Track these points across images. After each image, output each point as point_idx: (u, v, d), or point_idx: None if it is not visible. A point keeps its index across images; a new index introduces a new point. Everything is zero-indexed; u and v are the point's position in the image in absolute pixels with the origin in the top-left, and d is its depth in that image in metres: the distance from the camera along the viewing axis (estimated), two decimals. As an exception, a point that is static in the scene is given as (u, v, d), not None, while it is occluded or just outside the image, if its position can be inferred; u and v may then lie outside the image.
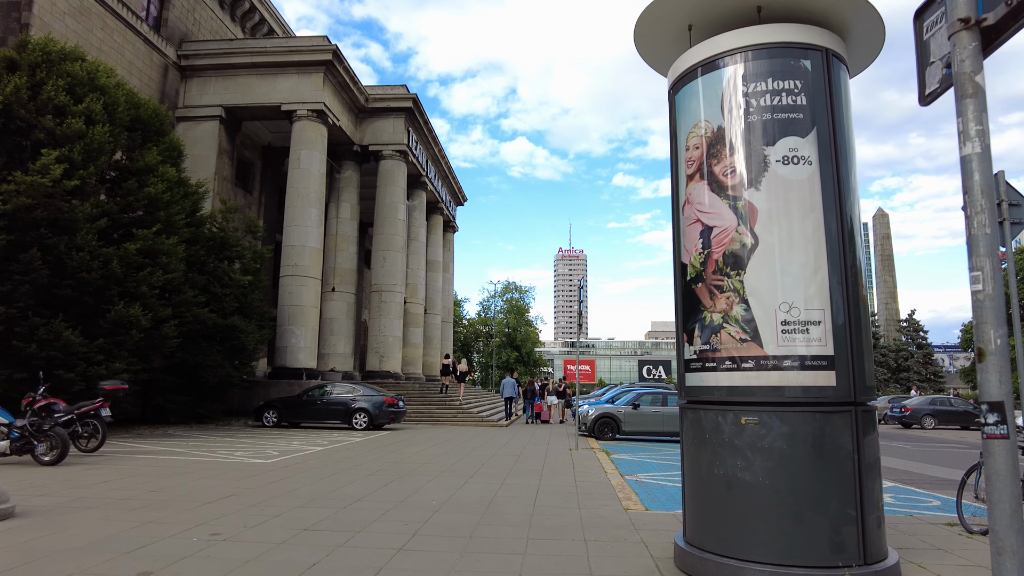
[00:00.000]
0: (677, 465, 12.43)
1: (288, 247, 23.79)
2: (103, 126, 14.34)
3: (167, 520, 6.02)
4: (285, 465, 10.32)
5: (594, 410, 18.17)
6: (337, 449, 13.04)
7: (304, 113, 24.27)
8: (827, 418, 4.28)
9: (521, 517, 6.56)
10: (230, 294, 19.08)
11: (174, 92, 24.68)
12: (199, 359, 17.78)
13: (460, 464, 10.98)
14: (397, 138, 28.20)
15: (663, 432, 17.82)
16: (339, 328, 27.17)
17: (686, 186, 4.98)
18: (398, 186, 28.25)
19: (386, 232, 27.88)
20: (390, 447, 13.70)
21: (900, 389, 46.75)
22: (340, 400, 18.70)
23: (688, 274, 4.85)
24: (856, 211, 4.73)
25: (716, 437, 4.51)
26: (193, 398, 18.18)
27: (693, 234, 4.83)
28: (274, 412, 18.89)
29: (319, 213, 24.36)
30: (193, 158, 24.10)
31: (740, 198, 4.59)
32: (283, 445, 13.53)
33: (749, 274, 4.47)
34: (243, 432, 16.77)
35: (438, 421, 21.98)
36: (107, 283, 13.98)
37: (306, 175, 24.10)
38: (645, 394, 18.55)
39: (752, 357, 4.38)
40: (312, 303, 23.66)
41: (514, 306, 68.87)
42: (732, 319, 4.49)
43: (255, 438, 15.06)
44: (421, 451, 13.01)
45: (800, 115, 4.60)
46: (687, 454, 4.87)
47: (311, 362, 23.48)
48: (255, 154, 29.03)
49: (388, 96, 28.38)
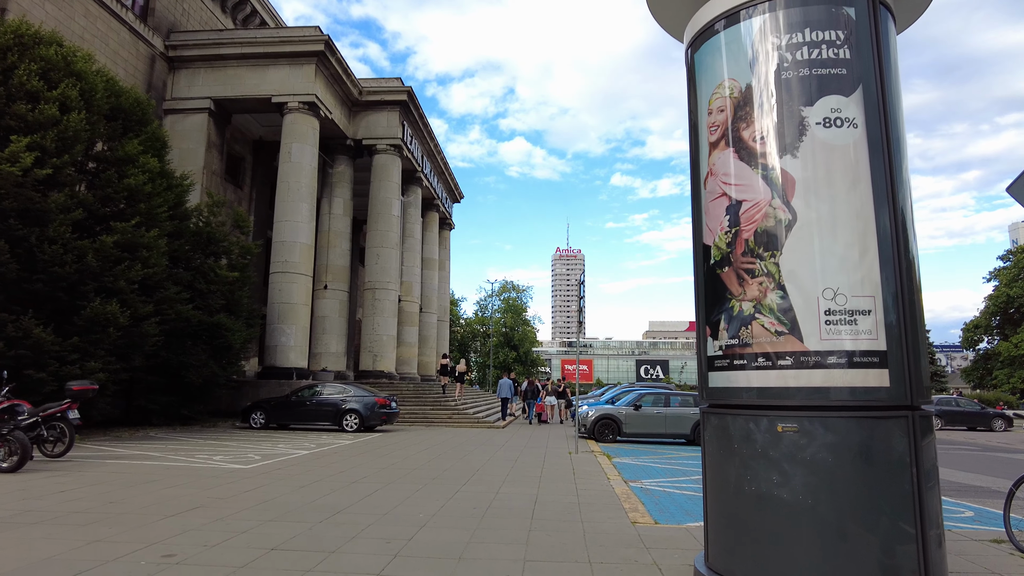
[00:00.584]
0: (683, 470, 11.80)
1: (278, 243, 23.09)
2: (79, 113, 13.64)
3: (117, 538, 5.33)
4: (265, 471, 9.63)
5: (594, 411, 17.51)
6: (323, 453, 12.35)
7: (295, 105, 23.58)
8: (880, 425, 3.61)
9: (517, 533, 5.88)
10: (216, 291, 18.38)
11: (161, 84, 23.96)
12: (183, 358, 17.08)
13: (452, 470, 10.30)
14: (391, 132, 27.51)
15: (665, 434, 17.17)
16: (331, 327, 26.45)
17: (708, 156, 4.31)
18: (392, 181, 27.55)
19: (380, 228, 27.18)
20: (380, 451, 13.02)
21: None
22: (330, 401, 18.01)
23: (712, 257, 4.18)
24: (908, 183, 4.06)
25: (746, 447, 3.84)
26: (177, 399, 17.47)
27: (718, 210, 4.16)
28: (262, 413, 18.19)
29: (310, 208, 23.66)
30: (181, 152, 23.46)
31: (773, 167, 3.92)
32: (267, 448, 12.84)
33: (786, 255, 3.81)
34: (228, 434, 16.07)
35: (432, 422, 21.29)
36: (82, 278, 13.27)
37: (297, 169, 23.40)
38: (647, 394, 17.89)
39: (790, 353, 3.71)
40: (303, 301, 22.95)
41: (511, 305, 68.17)
42: (766, 308, 3.82)
43: (239, 441, 14.36)
44: (412, 455, 12.32)
45: (843, 70, 3.94)
46: (711, 466, 4.21)
47: (302, 361, 22.79)
48: (246, 148, 28.32)
49: (382, 89, 27.69)
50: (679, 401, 17.72)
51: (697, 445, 16.83)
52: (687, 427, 16.95)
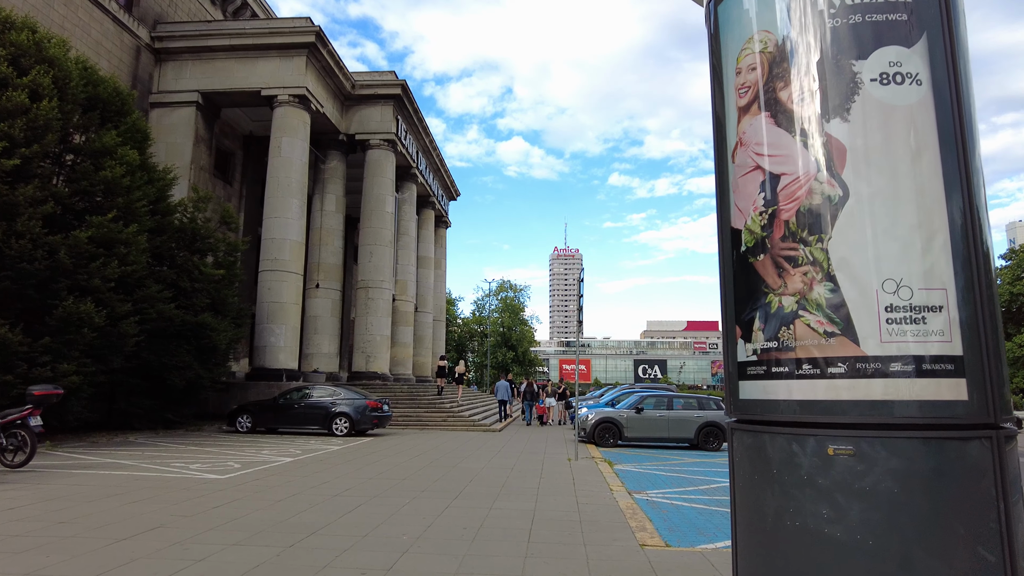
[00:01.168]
0: (689, 478, 11.14)
1: (268, 240, 22.38)
2: (51, 101, 12.92)
3: (52, 570, 4.64)
4: (242, 482, 8.94)
5: (594, 414, 16.83)
6: (308, 461, 11.65)
7: (285, 98, 22.87)
8: (957, 448, 2.93)
9: (512, 560, 5.20)
10: (201, 289, 17.65)
11: (148, 76, 23.24)
12: (165, 360, 16.36)
13: (444, 480, 9.62)
14: (385, 127, 26.80)
15: (668, 438, 16.50)
16: (323, 327, 25.75)
17: (737, 123, 3.62)
18: (386, 177, 26.84)
19: (373, 225, 26.47)
20: (369, 457, 12.33)
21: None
22: (319, 404, 17.30)
23: (743, 243, 3.50)
24: (979, 153, 3.39)
25: (788, 473, 3.16)
26: (160, 402, 16.75)
27: (750, 187, 3.47)
28: (248, 417, 17.49)
29: (301, 204, 22.95)
30: (168, 146, 22.75)
31: (818, 133, 3.24)
32: (250, 455, 12.14)
33: (836, 239, 3.12)
34: (212, 439, 15.37)
35: (427, 426, 20.60)
36: (54, 275, 12.56)
37: (287, 164, 22.69)
38: (649, 397, 17.22)
39: (843, 359, 3.03)
40: (293, 300, 22.25)
41: (509, 305, 67.58)
42: (812, 304, 3.14)
43: (222, 446, 13.66)
44: (403, 463, 11.63)
45: (903, 15, 3.25)
46: (741, 493, 3.52)
47: (292, 362, 22.08)
48: (236, 144, 27.59)
49: (375, 82, 26.98)
50: (682, 403, 17.06)
51: (701, 450, 16.20)
52: (691, 431, 16.29)
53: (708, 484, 10.18)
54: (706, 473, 11.56)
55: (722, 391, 32.39)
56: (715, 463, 13.43)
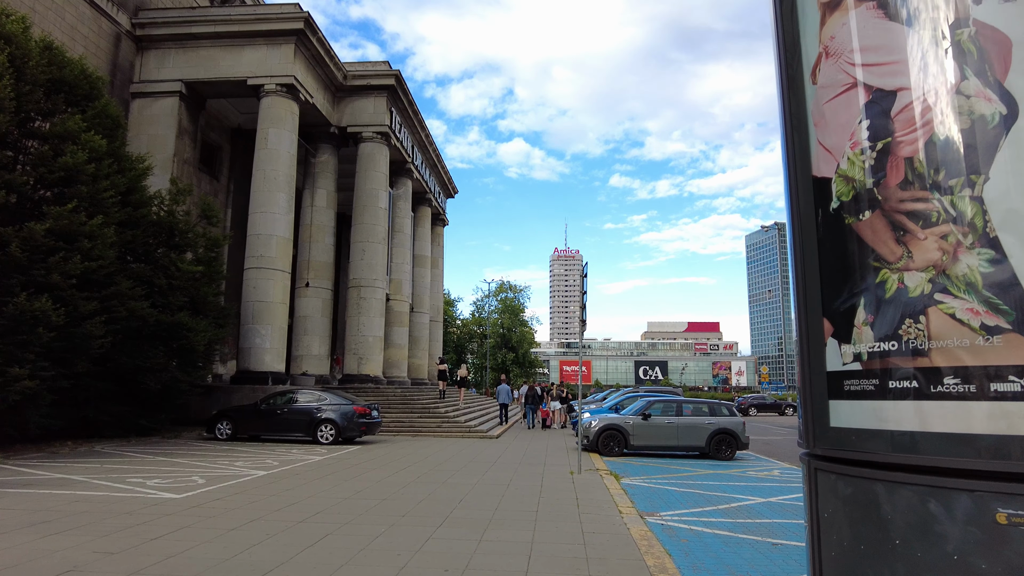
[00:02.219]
0: (705, 496, 9.93)
1: (253, 236, 21.27)
2: (5, 80, 11.83)
3: None
4: (198, 504, 7.83)
5: (598, 420, 15.71)
6: (283, 475, 10.53)
7: (272, 88, 21.77)
8: None
9: (501, 622, 4.08)
10: (179, 287, 16.53)
11: (128, 65, 22.14)
12: (139, 362, 15.25)
13: (429, 501, 8.50)
14: (378, 119, 25.69)
15: (678, 447, 15.38)
16: (313, 327, 24.64)
17: (820, 27, 2.49)
18: (379, 171, 25.73)
19: (366, 221, 25.36)
20: (351, 470, 11.21)
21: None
22: (304, 409, 16.18)
23: (834, 197, 2.37)
24: None
25: (923, 547, 2.03)
26: (133, 407, 15.63)
27: (843, 114, 2.35)
28: (228, 423, 16.38)
29: (288, 199, 21.84)
30: (150, 138, 21.71)
31: (960, 21, 2.12)
32: (220, 468, 11.03)
33: (998, 182, 1.99)
34: (185, 448, 14.26)
35: (420, 432, 19.47)
36: (4, 270, 11.45)
37: (274, 156, 21.60)
38: (656, 402, 16.09)
39: (1018, 368, 1.92)
40: (280, 299, 21.13)
41: (508, 306, 66.47)
42: (958, 283, 2.01)
43: (193, 457, 12.54)
44: (386, 477, 10.50)
45: None
46: (836, 564, 2.40)
47: (278, 365, 20.96)
48: (223, 137, 26.47)
49: (368, 73, 25.89)
50: (692, 409, 15.94)
51: (712, 459, 15.08)
52: (702, 439, 15.17)
53: (728, 503, 9.06)
54: (724, 489, 10.44)
55: (723, 393, 31.31)
56: (731, 476, 12.31)
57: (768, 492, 10.29)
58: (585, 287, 11.82)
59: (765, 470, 13.45)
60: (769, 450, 18.47)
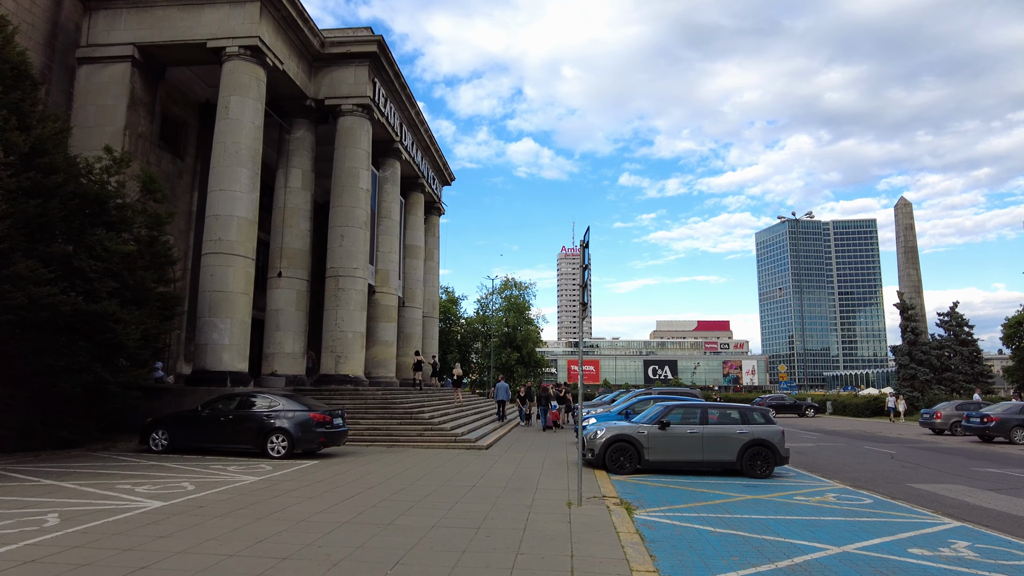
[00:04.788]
0: (754, 542, 5.44)
1: (211, 218, 18.64)
2: None
3: None
4: (19, 562, 5.16)
5: (605, 430, 12.93)
6: (182, 509, 7.85)
7: (235, 51, 19.15)
8: None
9: None
10: (107, 271, 13.93)
11: (74, 27, 19.57)
12: (51, 360, 12.66)
13: (351, 564, 5.79)
14: (359, 90, 23.01)
15: (703, 462, 12.59)
16: (286, 322, 22.00)
17: None
18: (360, 148, 23.05)
19: (344, 204, 22.68)
20: (277, 501, 8.52)
21: (946, 392, 41.24)
22: (251, 416, 13.51)
23: None
24: None
25: None
26: (45, 416, 13.03)
27: None
28: (164, 432, 13.78)
29: (252, 175, 19.19)
30: (97, 108, 19.17)
31: None
32: (111, 496, 8.38)
33: None
34: (99, 464, 11.64)
35: (397, 441, 16.76)
36: None
37: (236, 127, 18.97)
38: (676, 407, 13.30)
39: None
40: (241, 288, 18.48)
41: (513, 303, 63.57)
42: None
43: (90, 479, 9.89)
44: (316, 514, 7.79)
45: None
46: None
47: (239, 363, 18.30)
48: (190, 113, 23.81)
49: (348, 39, 23.20)
50: (718, 415, 13.17)
51: (745, 476, 12.32)
52: (732, 452, 12.41)
53: (789, 556, 6.31)
54: (774, 527, 7.68)
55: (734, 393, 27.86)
56: (776, 504, 9.55)
57: (836, 533, 7.53)
58: (587, 260, 9.10)
59: (815, 493, 10.67)
60: (806, 462, 15.66)
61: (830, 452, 18.73)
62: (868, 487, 11.63)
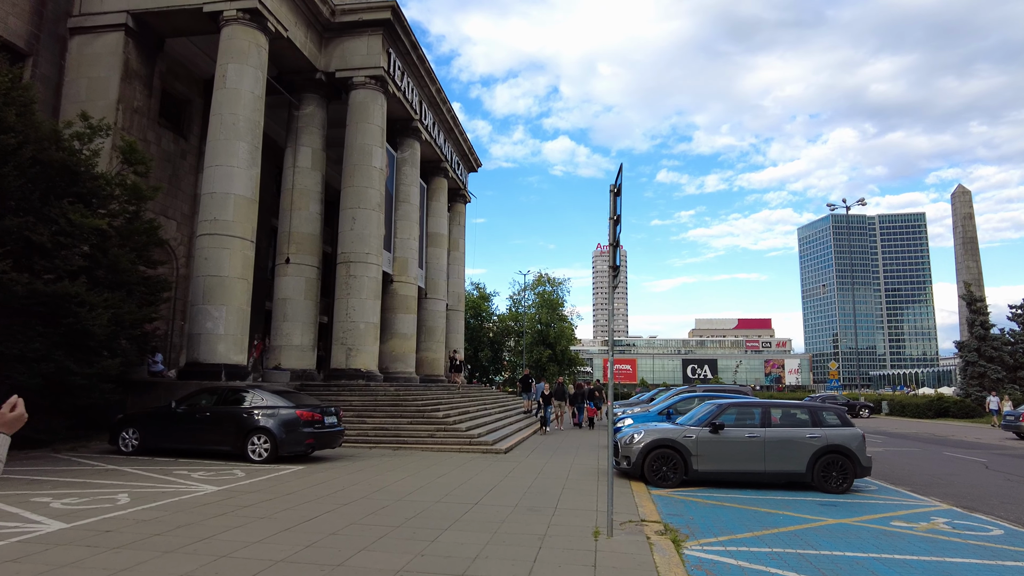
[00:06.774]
0: None
1: (207, 196, 16.98)
2: None
3: None
4: None
5: (643, 433, 10.69)
6: (91, 532, 5.96)
7: (233, 14, 17.45)
8: None
9: None
10: (75, 248, 12.28)
11: (66, -5, 18.16)
12: (2, 348, 11.03)
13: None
14: (372, 61, 21.17)
15: (765, 472, 10.26)
16: (294, 312, 20.27)
17: None
18: (374, 124, 21.20)
19: (356, 184, 20.86)
20: (225, 520, 6.57)
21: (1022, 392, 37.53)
22: (230, 414, 11.67)
23: None
24: None
25: None
26: None
27: None
28: (135, 431, 12.06)
29: (251, 150, 17.46)
30: (89, 82, 17.69)
31: None
32: (20, 511, 6.56)
33: None
34: (47, 470, 9.92)
35: (405, 444, 14.78)
36: None
37: (234, 97, 17.26)
38: (730, 406, 10.99)
39: None
40: (238, 273, 16.76)
41: (546, 300, 61.33)
42: None
43: (18, 487, 8.13)
44: (257, 547, 5.80)
45: None
46: None
47: (236, 355, 16.57)
48: (194, 90, 22.27)
49: (359, 6, 21.34)
50: (781, 415, 10.84)
51: (817, 490, 9.98)
52: (802, 461, 10.07)
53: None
54: (890, 570, 5.41)
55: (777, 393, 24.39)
56: (870, 531, 7.23)
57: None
58: (618, 209, 6.96)
59: (918, 517, 8.29)
60: (884, 472, 13.13)
61: (906, 459, 16.11)
62: (982, 509, 9.17)
